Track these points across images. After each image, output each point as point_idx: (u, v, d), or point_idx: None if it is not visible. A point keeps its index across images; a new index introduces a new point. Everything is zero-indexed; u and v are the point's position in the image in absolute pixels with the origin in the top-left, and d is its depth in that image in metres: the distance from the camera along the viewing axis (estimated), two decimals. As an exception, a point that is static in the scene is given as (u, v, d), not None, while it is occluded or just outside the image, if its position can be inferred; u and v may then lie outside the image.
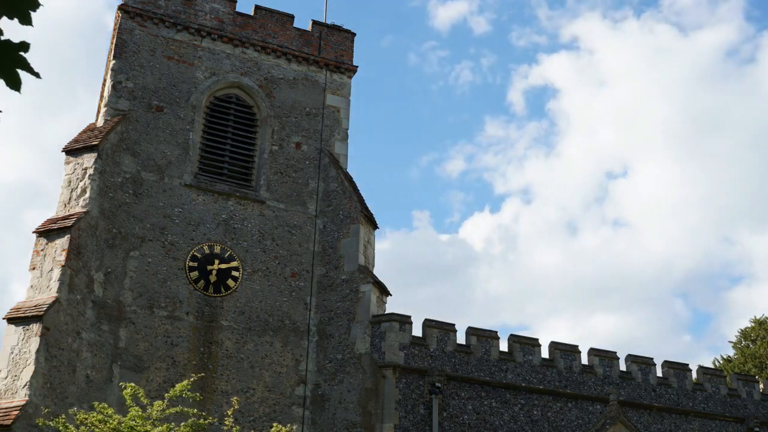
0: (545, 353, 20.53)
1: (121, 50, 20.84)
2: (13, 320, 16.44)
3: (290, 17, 22.98)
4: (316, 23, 23.26)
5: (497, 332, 20.02)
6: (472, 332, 19.83)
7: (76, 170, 18.78)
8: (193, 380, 14.90)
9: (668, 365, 21.85)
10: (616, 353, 21.19)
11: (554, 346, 20.68)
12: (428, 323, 19.55)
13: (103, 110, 20.50)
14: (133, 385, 13.83)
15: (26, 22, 4.05)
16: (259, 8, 22.77)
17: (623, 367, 21.33)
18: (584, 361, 20.84)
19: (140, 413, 13.10)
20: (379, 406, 18.31)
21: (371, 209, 21.00)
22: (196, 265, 19.53)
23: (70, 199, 18.47)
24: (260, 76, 22.14)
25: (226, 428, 14.11)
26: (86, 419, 12.87)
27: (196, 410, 14.44)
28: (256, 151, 21.55)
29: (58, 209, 18.45)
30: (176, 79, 21.16)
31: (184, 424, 13.58)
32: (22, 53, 4.07)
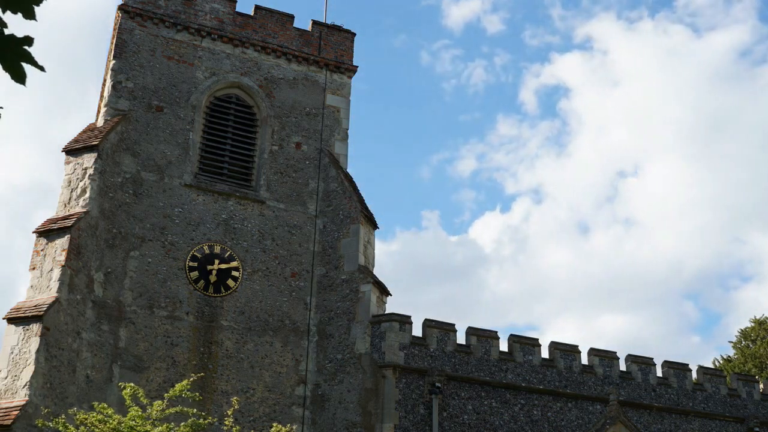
0: (545, 353, 20.53)
1: (121, 50, 20.84)
2: (13, 320, 16.43)
3: (290, 17, 22.98)
4: (316, 23, 23.27)
5: (497, 332, 20.02)
6: (472, 332, 19.83)
7: (76, 170, 18.78)
8: (193, 380, 14.88)
9: (668, 365, 21.84)
10: (616, 353, 21.18)
11: (554, 346, 20.67)
12: (428, 323, 19.54)
13: (103, 110, 20.50)
14: (132, 385, 13.82)
15: (30, 16, 4.05)
16: (259, 8, 22.77)
17: (623, 367, 21.32)
18: (584, 361, 20.83)
19: (140, 413, 13.09)
20: (379, 406, 18.30)
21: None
22: (196, 265, 19.53)
23: (70, 199, 18.46)
24: (260, 76, 22.14)
25: (226, 428, 14.10)
26: (86, 419, 12.86)
27: (196, 410, 14.42)
28: (256, 151, 21.55)
29: (58, 209, 18.44)
30: (176, 79, 21.15)
31: (184, 424, 13.57)
32: (26, 47, 4.07)
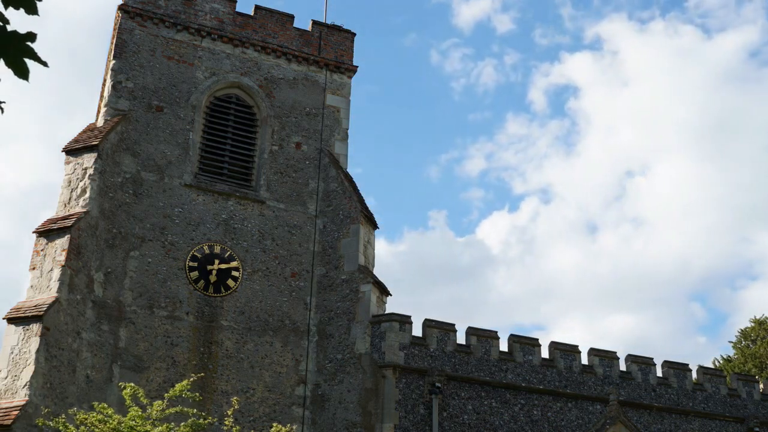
0: (545, 353, 20.52)
1: (121, 50, 20.84)
2: (13, 320, 16.42)
3: (290, 17, 22.98)
4: (316, 23, 23.27)
5: (497, 332, 20.02)
6: (472, 332, 19.82)
7: (76, 170, 18.77)
8: (193, 380, 14.88)
9: (668, 365, 21.83)
10: (616, 353, 21.17)
11: (554, 346, 20.66)
12: (428, 323, 19.53)
13: (103, 110, 20.49)
14: (132, 385, 13.81)
15: (32, 12, 4.05)
16: (259, 8, 22.77)
17: (623, 367, 21.31)
18: (584, 361, 20.82)
19: (140, 413, 13.08)
20: (379, 406, 18.30)
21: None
22: (196, 265, 19.53)
23: (70, 199, 18.46)
24: (260, 76, 22.14)
25: (226, 428, 14.09)
26: (86, 419, 12.85)
27: (196, 410, 14.43)
28: (256, 151, 21.54)
29: (58, 209, 18.44)
30: (176, 79, 21.15)
31: (184, 424, 13.56)
32: (29, 43, 4.07)
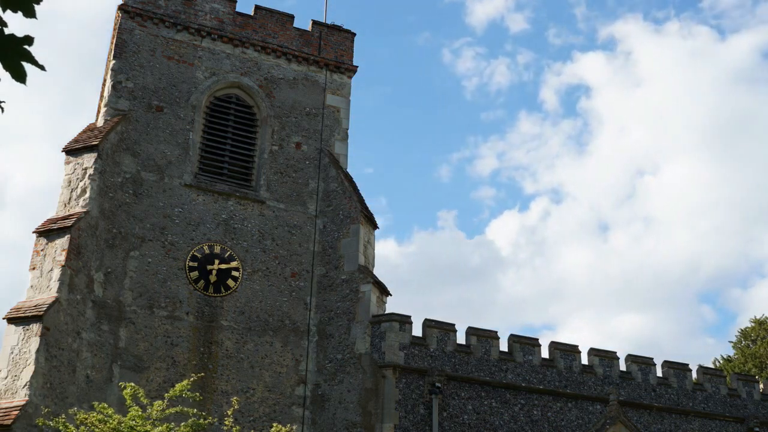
0: (545, 353, 20.52)
1: (121, 50, 20.84)
2: (13, 320, 16.43)
3: (290, 17, 22.98)
4: (316, 23, 23.26)
5: (497, 332, 20.03)
6: (472, 332, 19.82)
7: (76, 170, 18.77)
8: (193, 380, 14.88)
9: (668, 365, 21.83)
10: (616, 353, 21.18)
11: (554, 346, 20.67)
12: (428, 323, 19.53)
13: (103, 110, 20.50)
14: (133, 385, 13.82)
15: (30, 15, 4.05)
16: (259, 8, 22.77)
17: (623, 367, 21.31)
18: (584, 361, 20.82)
19: (140, 413, 13.08)
20: (379, 406, 18.30)
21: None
22: (196, 265, 19.53)
23: (70, 199, 18.46)
24: (260, 76, 22.14)
25: (226, 428, 14.10)
26: (86, 419, 12.85)
27: (196, 410, 14.43)
28: (256, 151, 21.55)
29: (58, 209, 18.44)
30: (176, 79, 21.15)
31: (184, 424, 13.57)
32: (26, 46, 4.08)
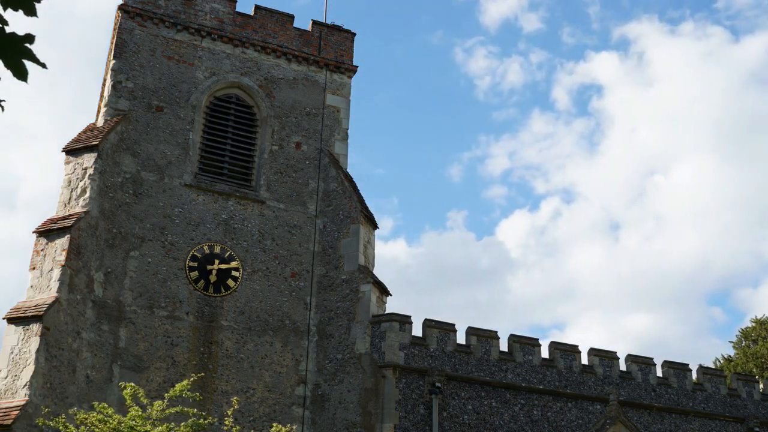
0: (545, 353, 20.53)
1: (121, 50, 20.84)
2: (13, 320, 16.42)
3: (290, 17, 22.98)
4: (316, 23, 23.26)
5: (497, 332, 20.03)
6: (472, 332, 19.82)
7: (76, 170, 18.77)
8: (193, 380, 14.87)
9: (668, 365, 21.83)
10: (615, 353, 21.18)
11: (554, 346, 20.67)
12: (428, 323, 19.53)
13: (103, 110, 20.49)
14: (133, 385, 13.81)
15: (31, 13, 4.06)
16: (259, 8, 22.77)
17: (623, 367, 21.32)
18: (584, 361, 20.82)
19: (140, 413, 13.08)
20: (379, 406, 18.30)
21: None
22: (196, 265, 19.53)
23: (70, 199, 18.46)
24: (260, 76, 22.14)
25: (226, 428, 14.09)
26: (86, 419, 12.85)
27: (196, 410, 14.41)
28: (256, 151, 21.55)
29: (58, 209, 18.44)
30: (176, 79, 21.15)
31: (184, 424, 13.56)
32: (27, 44, 4.08)
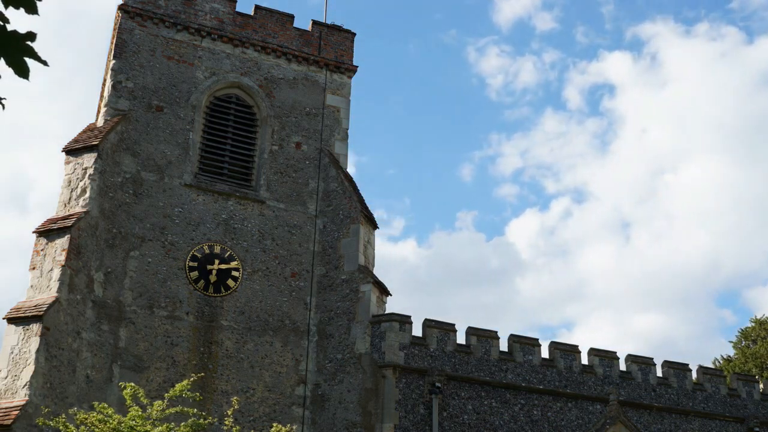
0: (545, 353, 20.53)
1: (121, 50, 20.84)
2: (13, 320, 16.42)
3: (290, 17, 22.98)
4: (316, 23, 23.26)
5: (497, 332, 20.03)
6: (472, 332, 19.83)
7: (76, 170, 18.77)
8: (193, 380, 14.87)
9: (668, 365, 21.84)
10: (615, 353, 21.18)
11: (554, 346, 20.68)
12: (428, 323, 19.53)
13: (103, 110, 20.49)
14: (133, 385, 13.80)
15: (32, 11, 4.06)
16: (259, 8, 22.77)
17: (623, 367, 21.32)
18: (584, 361, 20.82)
19: (140, 413, 13.07)
20: (379, 406, 18.30)
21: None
22: (196, 265, 19.52)
23: (70, 199, 18.46)
24: (260, 76, 22.14)
25: (226, 428, 14.09)
26: (86, 419, 12.84)
27: (196, 410, 14.41)
28: (256, 151, 21.55)
29: (58, 209, 18.44)
30: (176, 79, 21.15)
31: (184, 424, 13.55)
32: (29, 42, 4.09)
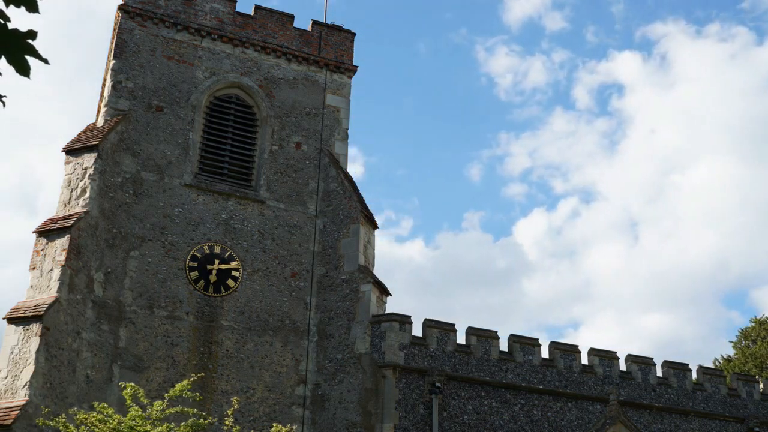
0: (545, 353, 20.53)
1: (121, 50, 20.84)
2: (13, 320, 16.42)
3: (290, 17, 22.98)
4: (316, 23, 23.26)
5: (497, 332, 20.03)
6: (472, 332, 19.83)
7: (76, 170, 18.77)
8: (193, 380, 14.86)
9: (668, 365, 21.84)
10: (615, 353, 21.18)
11: (554, 345, 20.68)
12: (428, 323, 19.53)
13: (103, 110, 20.49)
14: (133, 385, 13.80)
15: (33, 9, 4.06)
16: (259, 8, 22.77)
17: (623, 367, 21.32)
18: (584, 361, 20.82)
19: (140, 413, 13.07)
20: (379, 406, 18.30)
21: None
22: (196, 265, 19.52)
23: (70, 199, 18.45)
24: (260, 76, 22.14)
25: (226, 428, 14.09)
26: (86, 419, 12.84)
27: (196, 410, 14.41)
28: (256, 151, 21.54)
29: (58, 209, 18.43)
30: (176, 79, 21.15)
31: (184, 424, 13.55)
32: (30, 40, 4.09)
